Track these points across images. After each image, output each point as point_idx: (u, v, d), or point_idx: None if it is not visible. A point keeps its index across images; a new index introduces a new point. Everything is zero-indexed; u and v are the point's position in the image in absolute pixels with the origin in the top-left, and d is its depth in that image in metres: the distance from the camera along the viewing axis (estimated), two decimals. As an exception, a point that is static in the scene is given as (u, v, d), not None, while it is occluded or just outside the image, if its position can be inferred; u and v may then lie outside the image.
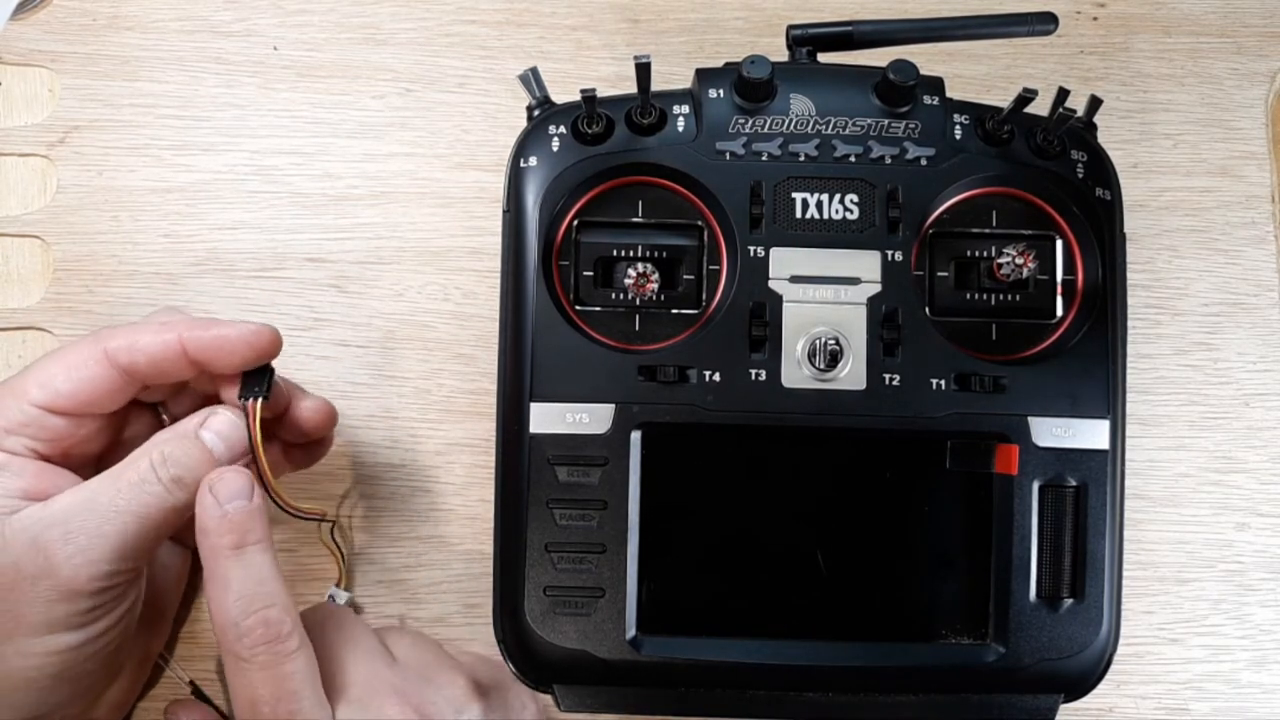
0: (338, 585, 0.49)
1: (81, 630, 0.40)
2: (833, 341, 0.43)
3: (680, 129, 0.44)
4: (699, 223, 0.45)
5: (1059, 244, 0.45)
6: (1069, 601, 0.43)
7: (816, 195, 0.44)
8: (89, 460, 0.45)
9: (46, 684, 0.41)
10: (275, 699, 0.39)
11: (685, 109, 0.45)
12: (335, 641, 0.43)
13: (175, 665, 0.49)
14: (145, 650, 0.47)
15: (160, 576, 0.47)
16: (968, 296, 0.45)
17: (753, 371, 0.43)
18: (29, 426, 0.42)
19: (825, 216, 0.44)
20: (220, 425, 0.43)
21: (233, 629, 0.39)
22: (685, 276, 0.45)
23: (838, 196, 0.44)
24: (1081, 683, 0.44)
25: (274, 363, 0.44)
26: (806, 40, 0.47)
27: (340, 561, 0.49)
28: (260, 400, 0.43)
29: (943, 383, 0.43)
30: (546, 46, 0.55)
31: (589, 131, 0.44)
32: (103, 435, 0.45)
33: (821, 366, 0.43)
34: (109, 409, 0.44)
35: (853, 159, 0.44)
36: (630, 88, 0.43)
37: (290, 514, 0.45)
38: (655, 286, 0.44)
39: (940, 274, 0.45)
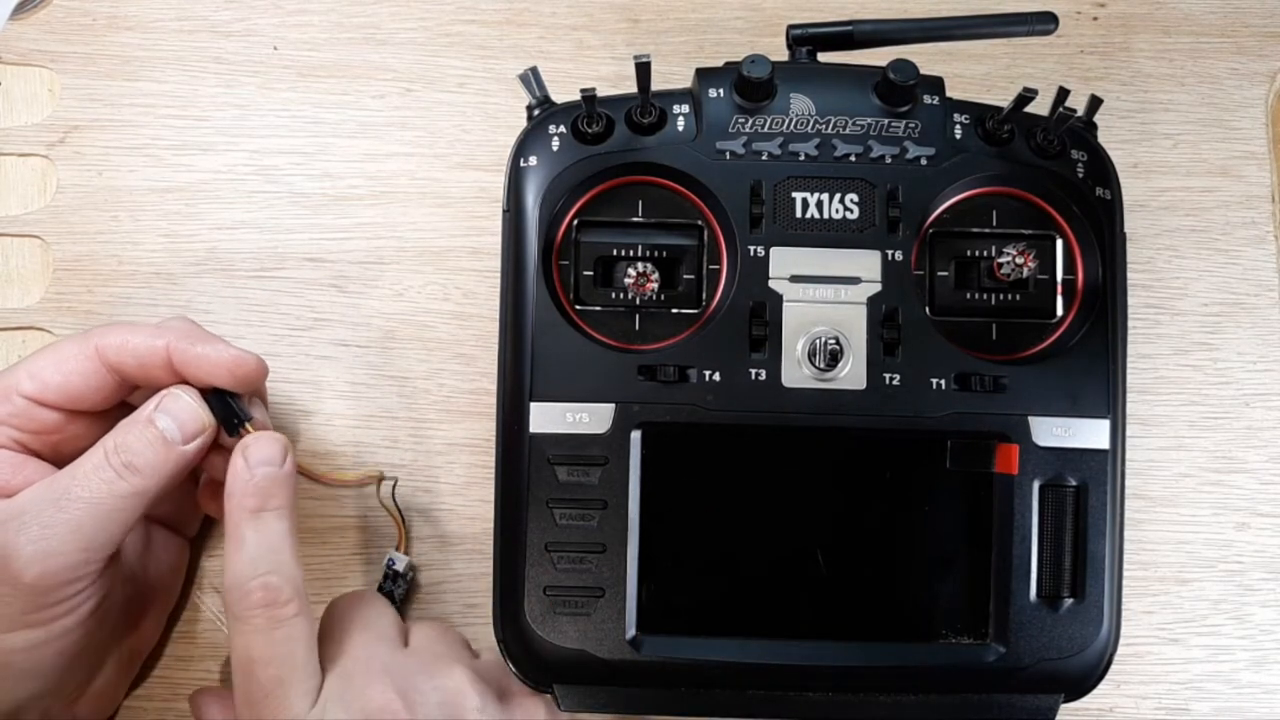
0: (397, 549, 0.49)
1: (42, 628, 0.40)
2: (833, 341, 0.43)
3: (680, 128, 0.44)
4: (699, 222, 0.45)
5: (1059, 244, 0.45)
6: (1069, 601, 0.43)
7: (816, 195, 0.44)
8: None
9: (13, 680, 0.41)
10: (267, 661, 0.40)
11: (685, 109, 0.45)
12: (351, 619, 0.44)
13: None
14: (132, 645, 0.47)
15: (151, 568, 0.47)
16: (968, 296, 0.45)
17: (753, 371, 0.43)
18: (17, 418, 0.43)
19: (825, 216, 0.44)
20: (172, 405, 0.43)
21: (237, 589, 0.40)
22: (685, 276, 0.45)
23: (838, 196, 0.44)
24: (1081, 683, 0.44)
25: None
26: (806, 40, 0.47)
27: (400, 524, 0.49)
28: (247, 425, 0.44)
29: (943, 382, 0.43)
30: (546, 46, 0.55)
31: (589, 131, 0.44)
32: (94, 433, 0.44)
33: (821, 366, 0.43)
34: (97, 406, 0.44)
35: (853, 158, 0.44)
36: (630, 88, 0.43)
37: (335, 485, 0.46)
38: (655, 286, 0.44)
39: (940, 274, 0.45)
